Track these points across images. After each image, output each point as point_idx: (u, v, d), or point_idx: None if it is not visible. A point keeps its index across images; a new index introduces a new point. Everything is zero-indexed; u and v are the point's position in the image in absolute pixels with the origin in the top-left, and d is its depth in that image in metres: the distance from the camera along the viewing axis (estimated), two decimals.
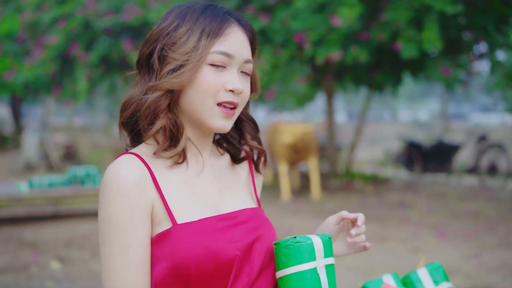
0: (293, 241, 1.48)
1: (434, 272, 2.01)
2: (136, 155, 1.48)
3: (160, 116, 1.49)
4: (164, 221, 1.45)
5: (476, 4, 10.38)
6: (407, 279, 2.02)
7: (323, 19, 9.94)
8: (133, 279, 1.40)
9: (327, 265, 1.50)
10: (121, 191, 1.40)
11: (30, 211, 8.57)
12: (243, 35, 1.52)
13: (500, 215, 9.27)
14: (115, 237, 1.40)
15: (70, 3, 13.60)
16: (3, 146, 20.65)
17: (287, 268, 1.47)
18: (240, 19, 1.56)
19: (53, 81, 14.50)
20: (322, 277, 1.47)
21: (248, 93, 1.55)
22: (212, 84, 1.46)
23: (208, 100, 1.47)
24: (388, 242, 7.33)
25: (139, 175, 1.44)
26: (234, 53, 1.48)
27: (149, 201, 1.44)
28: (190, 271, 1.41)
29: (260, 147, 1.69)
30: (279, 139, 10.78)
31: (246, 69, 1.53)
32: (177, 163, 1.51)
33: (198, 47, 1.46)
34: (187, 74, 1.46)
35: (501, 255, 6.69)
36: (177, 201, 1.48)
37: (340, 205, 10.05)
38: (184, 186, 1.51)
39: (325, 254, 1.50)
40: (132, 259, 1.40)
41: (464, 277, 5.81)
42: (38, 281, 5.53)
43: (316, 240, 1.50)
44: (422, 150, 13.52)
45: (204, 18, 1.50)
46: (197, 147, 1.58)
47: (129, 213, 1.40)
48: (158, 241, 1.44)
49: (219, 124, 1.49)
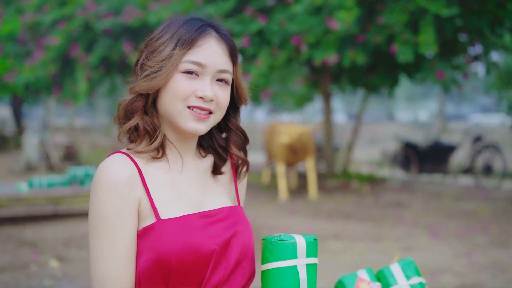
0: (277, 238, 1.59)
1: (406, 267, 2.13)
2: (126, 155, 1.62)
3: (134, 117, 1.64)
4: (149, 216, 1.58)
5: (471, 6, 10.50)
6: (381, 274, 2.14)
7: (320, 21, 10.05)
8: (119, 269, 1.53)
9: (308, 264, 1.60)
10: (111, 187, 1.54)
11: (30, 211, 8.67)
12: (218, 46, 1.64)
13: (494, 215, 9.38)
14: (103, 230, 1.53)
15: (70, 5, 13.71)
16: (4, 146, 20.75)
17: (269, 263, 1.58)
18: (220, 31, 1.68)
19: (54, 82, 14.62)
20: (302, 275, 1.58)
21: (225, 101, 1.65)
22: (182, 89, 1.60)
23: (178, 104, 1.61)
24: (382, 241, 7.44)
25: (129, 173, 1.57)
26: (206, 62, 1.61)
27: (137, 198, 1.57)
28: (172, 263, 1.53)
29: (244, 158, 1.81)
30: (277, 139, 10.89)
31: (223, 78, 1.64)
32: (155, 158, 1.65)
33: (172, 55, 1.60)
34: (158, 79, 1.60)
35: (492, 254, 6.80)
36: (161, 198, 1.61)
37: (336, 205, 10.17)
38: (169, 185, 1.65)
39: (308, 254, 1.60)
40: (118, 251, 1.53)
41: (454, 275, 5.93)
42: (37, 280, 5.64)
43: (300, 240, 1.60)
44: (419, 151, 13.64)
45: (182, 30, 1.63)
46: (179, 149, 1.70)
47: (117, 209, 1.53)
48: (142, 234, 1.56)
49: (190, 126, 1.62)
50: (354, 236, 7.74)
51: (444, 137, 23.34)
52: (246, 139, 1.83)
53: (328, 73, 12.59)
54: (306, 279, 1.59)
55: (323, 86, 12.94)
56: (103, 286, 1.53)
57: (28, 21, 14.24)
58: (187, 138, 1.70)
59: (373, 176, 13.66)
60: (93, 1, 13.42)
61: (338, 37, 9.98)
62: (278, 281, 1.57)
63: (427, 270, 6.08)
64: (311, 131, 11.31)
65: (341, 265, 6.23)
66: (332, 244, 7.24)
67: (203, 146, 1.82)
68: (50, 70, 13.91)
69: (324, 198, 10.97)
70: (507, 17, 10.41)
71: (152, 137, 1.65)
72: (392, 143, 21.70)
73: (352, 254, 6.75)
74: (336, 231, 8.04)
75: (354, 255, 6.68)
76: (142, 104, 1.65)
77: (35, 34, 14.54)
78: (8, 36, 14.95)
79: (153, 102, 1.67)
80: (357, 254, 6.70)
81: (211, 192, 1.75)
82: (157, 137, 1.65)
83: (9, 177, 13.30)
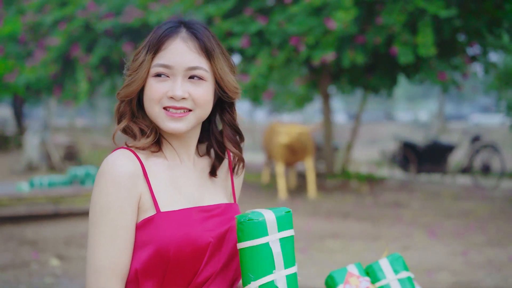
0: (247, 218, 1.63)
1: (394, 262, 2.20)
2: (131, 151, 1.70)
3: (123, 119, 1.75)
4: (149, 209, 1.66)
5: (469, 7, 10.57)
6: (370, 269, 2.20)
7: (319, 22, 10.12)
8: (115, 259, 1.61)
9: (282, 238, 1.63)
10: (114, 181, 1.62)
11: (31, 210, 8.74)
12: (184, 45, 1.69)
13: (492, 214, 9.45)
14: (104, 221, 1.61)
15: (71, 5, 13.79)
16: (5, 146, 20.82)
17: (242, 242, 1.63)
18: (191, 29, 1.72)
19: (54, 82, 14.68)
20: (275, 250, 1.62)
21: (201, 97, 1.70)
22: (154, 92, 1.68)
23: (154, 106, 1.69)
24: (380, 240, 7.51)
25: (133, 168, 1.65)
26: (173, 63, 1.67)
27: (138, 192, 1.65)
28: (169, 253, 1.62)
29: (238, 153, 1.86)
30: (276, 139, 10.95)
31: (194, 74, 1.69)
32: (154, 152, 1.74)
33: (144, 62, 1.69)
34: (133, 86, 1.70)
35: (489, 253, 6.86)
36: (162, 193, 1.69)
37: (335, 205, 10.23)
38: (169, 181, 1.73)
39: (280, 228, 1.64)
40: (116, 242, 1.61)
41: (450, 273, 5.99)
42: (38, 278, 5.71)
43: (269, 216, 1.63)
44: (417, 150, 13.70)
45: (152, 36, 1.72)
46: (176, 147, 1.78)
47: (119, 201, 1.61)
48: (143, 226, 1.65)
49: (168, 126, 1.69)
50: (352, 235, 7.80)
51: (443, 137, 23.39)
52: (241, 135, 1.88)
53: (327, 73, 12.65)
54: (280, 253, 1.62)
55: (322, 86, 13.00)
56: (98, 273, 1.60)
57: (29, 22, 14.32)
58: (181, 137, 1.76)
59: (372, 176, 13.72)
60: (93, 2, 13.49)
61: (337, 36, 10.04)
62: (253, 259, 1.62)
63: (424, 268, 6.15)
64: (310, 131, 11.37)
65: (339, 263, 6.28)
66: (330, 243, 7.30)
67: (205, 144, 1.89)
68: (51, 71, 13.98)
69: (323, 197, 11.03)
70: (505, 17, 10.48)
71: (147, 135, 1.74)
72: (391, 143, 21.77)
73: (350, 253, 6.81)
74: (334, 230, 8.10)
75: (352, 254, 6.75)
76: (128, 108, 1.75)
77: (36, 34, 14.61)
78: (9, 37, 15.02)
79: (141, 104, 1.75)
80: (355, 253, 6.76)
81: (209, 190, 1.82)
82: (149, 135, 1.72)
83: (10, 177, 13.37)
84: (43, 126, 15.78)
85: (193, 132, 1.78)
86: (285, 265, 1.63)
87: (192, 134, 1.79)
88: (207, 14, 10.91)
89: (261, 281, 1.60)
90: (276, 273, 1.61)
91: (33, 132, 15.20)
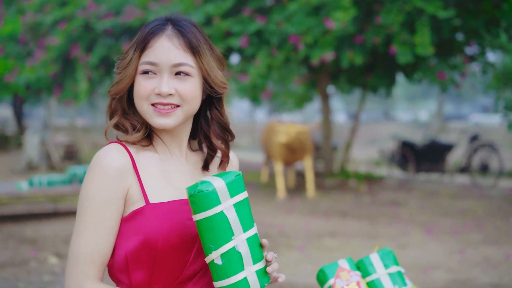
0: (196, 190, 1.62)
1: (384, 257, 2.23)
2: (122, 145, 1.74)
3: (115, 116, 1.79)
4: (139, 200, 1.70)
5: (467, 7, 10.60)
6: (361, 263, 2.24)
7: (318, 22, 10.16)
8: (95, 246, 1.66)
9: (235, 203, 1.63)
10: (103, 173, 1.67)
11: (30, 209, 8.78)
12: (170, 43, 1.73)
13: (489, 212, 9.49)
14: (90, 210, 1.66)
15: (71, 5, 13.82)
16: (5, 146, 20.87)
17: (197, 215, 1.63)
18: (178, 26, 1.76)
19: (54, 82, 14.71)
20: (231, 216, 1.62)
21: (188, 93, 1.73)
22: (142, 90, 1.72)
23: (143, 103, 1.73)
24: (377, 239, 7.54)
25: (121, 161, 1.70)
26: (159, 61, 1.71)
27: (126, 185, 1.69)
28: (157, 244, 1.65)
29: (223, 149, 1.89)
30: (275, 139, 10.99)
31: (181, 71, 1.73)
32: (144, 146, 1.78)
33: (132, 60, 1.74)
34: (122, 83, 1.75)
35: (485, 251, 6.91)
36: (152, 185, 1.73)
37: (334, 204, 10.27)
38: (159, 173, 1.77)
39: (231, 194, 1.63)
40: (99, 231, 1.66)
41: (446, 271, 6.04)
42: (37, 276, 5.75)
43: (219, 183, 1.62)
44: (416, 150, 13.74)
45: (139, 34, 1.77)
46: (167, 141, 1.82)
47: (105, 193, 1.66)
48: (132, 217, 1.69)
49: (156, 122, 1.73)
50: (349, 234, 7.84)
51: (442, 136, 23.44)
52: (230, 132, 1.90)
53: (326, 73, 12.68)
54: (236, 217, 1.63)
55: (321, 86, 13.03)
56: (77, 260, 1.66)
57: (29, 22, 14.35)
58: (172, 131, 1.80)
59: (371, 175, 13.76)
60: (93, 2, 13.53)
61: (335, 36, 10.08)
62: (210, 229, 1.61)
63: (420, 266, 6.19)
64: (308, 130, 11.41)
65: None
66: (328, 241, 7.34)
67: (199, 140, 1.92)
68: (51, 70, 14.01)
69: (321, 196, 11.07)
70: (503, 17, 10.51)
71: (138, 130, 1.78)
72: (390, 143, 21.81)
73: (347, 251, 6.84)
74: (332, 229, 8.14)
75: (349, 252, 6.78)
76: (120, 104, 1.79)
77: (36, 34, 14.65)
78: (9, 36, 15.05)
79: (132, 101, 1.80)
80: (352, 251, 6.79)
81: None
82: (139, 130, 1.77)
83: (10, 176, 13.41)
84: (43, 126, 15.82)
85: (184, 127, 1.82)
86: (244, 229, 1.64)
87: (183, 129, 1.82)
88: (206, 13, 10.95)
89: (222, 250, 1.60)
90: (236, 239, 1.61)
91: (33, 131, 15.24)
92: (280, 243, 7.27)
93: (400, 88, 51.86)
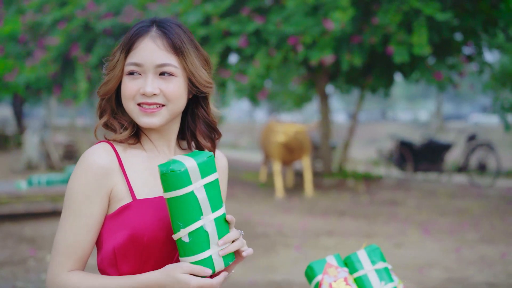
0: (168, 169, 1.66)
1: (372, 253, 2.28)
2: (110, 144, 1.80)
3: (104, 115, 1.86)
4: (126, 197, 1.76)
5: (464, 7, 10.64)
6: (348, 260, 2.29)
7: (316, 22, 10.20)
8: (74, 240, 1.73)
9: (206, 184, 1.68)
10: (86, 171, 1.73)
11: (29, 208, 8.83)
12: (153, 44, 1.78)
13: (486, 212, 9.53)
14: (72, 205, 1.74)
15: (70, 5, 13.87)
16: (5, 146, 20.92)
17: (167, 193, 1.68)
18: (162, 28, 1.81)
19: (54, 82, 14.77)
20: (200, 196, 1.67)
21: (172, 92, 1.78)
22: (128, 90, 1.78)
23: (129, 103, 1.79)
24: (374, 238, 7.59)
25: (107, 160, 1.76)
26: (143, 62, 1.77)
27: (110, 184, 1.75)
28: (144, 238, 1.71)
29: (209, 147, 1.93)
30: (273, 138, 11.03)
31: (165, 71, 1.78)
32: (132, 144, 1.84)
33: (118, 61, 1.80)
34: (109, 84, 1.82)
35: (481, 249, 6.95)
36: (138, 181, 1.79)
37: (332, 203, 10.31)
38: (146, 170, 1.82)
39: (202, 174, 1.68)
40: (78, 226, 1.73)
41: (442, 270, 6.07)
42: (35, 274, 5.79)
43: (190, 163, 1.67)
44: (414, 149, 13.78)
45: (124, 37, 1.83)
46: (154, 139, 1.87)
47: (87, 190, 1.72)
48: (119, 213, 1.74)
49: (142, 121, 1.79)
50: (346, 233, 7.88)
51: (441, 136, 23.46)
52: (216, 131, 1.95)
53: (325, 73, 12.72)
54: (206, 198, 1.67)
55: (320, 86, 13.08)
56: (57, 250, 1.74)
57: (28, 21, 14.40)
58: (160, 130, 1.86)
59: (369, 175, 13.80)
60: (93, 2, 13.58)
61: (334, 36, 10.12)
62: (180, 208, 1.66)
63: (416, 264, 6.23)
64: (307, 130, 11.45)
65: None
66: (325, 240, 7.38)
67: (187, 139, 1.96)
68: (51, 70, 14.07)
69: (320, 196, 11.11)
70: (500, 17, 10.55)
71: (125, 128, 1.84)
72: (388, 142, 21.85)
73: (344, 250, 6.88)
74: (329, 228, 8.18)
75: (346, 250, 6.80)
76: (108, 105, 1.86)
77: (36, 34, 14.70)
78: (9, 36, 15.10)
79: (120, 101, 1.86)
80: (348, 250, 6.82)
81: None
82: (126, 129, 1.83)
83: (10, 175, 13.45)
84: (43, 126, 15.86)
85: (172, 126, 1.87)
86: (212, 209, 1.69)
87: (171, 128, 1.87)
88: (205, 13, 10.99)
89: (190, 228, 1.65)
90: (204, 218, 1.66)
91: (32, 131, 15.28)
92: (278, 242, 7.31)
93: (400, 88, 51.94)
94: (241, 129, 37.52)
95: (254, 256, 6.66)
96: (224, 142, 29.52)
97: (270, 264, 6.32)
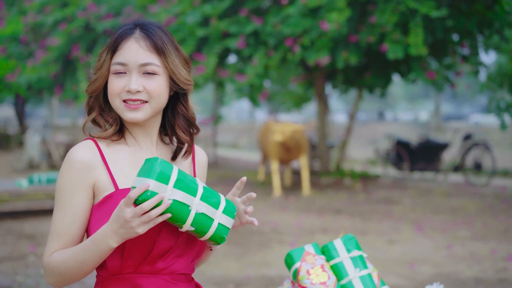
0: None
1: (347, 242, 2.42)
2: (93, 141, 1.96)
3: (92, 113, 2.01)
4: (109, 188, 1.91)
5: (460, 8, 10.77)
6: (325, 248, 2.43)
7: (314, 24, 10.33)
8: (63, 227, 1.90)
9: (174, 185, 1.76)
10: (70, 166, 1.90)
11: (30, 206, 8.98)
12: (137, 44, 1.93)
13: (480, 210, 9.66)
14: (59, 199, 1.91)
15: (71, 6, 14.02)
16: (7, 145, 21.10)
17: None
18: (145, 30, 1.96)
19: (55, 82, 14.91)
20: (178, 196, 1.76)
21: (155, 89, 1.94)
22: (114, 88, 1.93)
23: (115, 100, 1.94)
24: (368, 235, 7.72)
25: (88, 156, 1.91)
26: (127, 61, 1.92)
27: (93, 177, 1.91)
28: None
29: (187, 140, 2.07)
30: (271, 137, 11.15)
31: (148, 70, 1.93)
32: (115, 141, 1.99)
33: (105, 61, 1.95)
34: (97, 82, 1.97)
35: (471, 246, 7.08)
36: (121, 174, 1.94)
37: (328, 201, 10.44)
38: (129, 163, 1.97)
39: (165, 181, 1.75)
40: (65, 216, 1.90)
41: (432, 265, 6.21)
42: (34, 269, 5.93)
43: (152, 184, 1.73)
44: (410, 149, 13.91)
45: (110, 39, 1.98)
46: (137, 134, 2.02)
47: (71, 184, 1.89)
48: (104, 202, 1.89)
49: (127, 116, 1.94)
50: (341, 230, 8.00)
51: (439, 135, 23.58)
52: (195, 126, 2.10)
53: (322, 73, 12.85)
54: (182, 193, 1.77)
55: (318, 86, 13.20)
56: (50, 236, 1.91)
57: (30, 22, 14.55)
58: (143, 125, 2.01)
59: (366, 174, 13.93)
60: (93, 3, 13.73)
61: (331, 37, 10.26)
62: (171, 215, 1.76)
63: (407, 260, 6.37)
64: (304, 129, 11.58)
65: None
66: (319, 238, 7.51)
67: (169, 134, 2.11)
68: (52, 70, 14.21)
69: (316, 194, 11.24)
70: (495, 19, 10.68)
71: (110, 125, 2.00)
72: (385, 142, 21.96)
73: None
74: (324, 226, 8.32)
75: None
76: (96, 102, 2.01)
77: (37, 34, 14.85)
78: (11, 37, 15.26)
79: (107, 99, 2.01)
80: None
81: None
82: (111, 125, 1.99)
83: (11, 174, 13.60)
84: (44, 125, 16.00)
85: (153, 121, 2.02)
86: (193, 194, 1.80)
87: (153, 123, 2.03)
88: (204, 13, 11.12)
89: (188, 221, 1.79)
90: (193, 206, 1.80)
91: (34, 131, 15.43)
92: (273, 238, 7.45)
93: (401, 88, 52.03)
94: (241, 129, 37.65)
95: (249, 252, 6.80)
96: (224, 142, 29.64)
97: (264, 260, 6.45)
